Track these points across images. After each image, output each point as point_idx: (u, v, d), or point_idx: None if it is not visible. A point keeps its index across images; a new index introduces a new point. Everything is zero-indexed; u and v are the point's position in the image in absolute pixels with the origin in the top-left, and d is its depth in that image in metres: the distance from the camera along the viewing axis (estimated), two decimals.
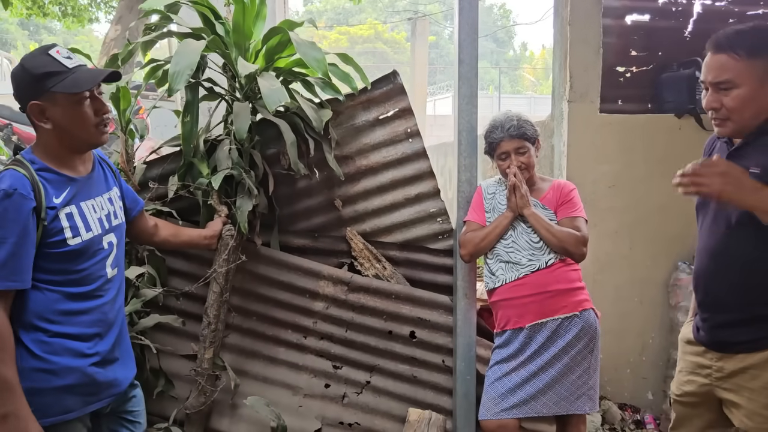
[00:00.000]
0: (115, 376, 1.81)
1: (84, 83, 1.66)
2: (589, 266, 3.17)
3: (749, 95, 1.66)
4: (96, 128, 1.73)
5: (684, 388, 1.98)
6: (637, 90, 3.79)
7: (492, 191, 2.55)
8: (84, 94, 1.68)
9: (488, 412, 2.38)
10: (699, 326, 1.92)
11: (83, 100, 1.68)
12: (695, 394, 1.94)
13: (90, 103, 1.70)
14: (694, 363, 1.94)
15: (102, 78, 1.72)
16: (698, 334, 1.93)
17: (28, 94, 1.65)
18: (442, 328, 2.70)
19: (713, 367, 1.86)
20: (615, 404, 3.53)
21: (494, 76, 30.27)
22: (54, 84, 1.63)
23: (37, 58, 1.66)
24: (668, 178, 2.59)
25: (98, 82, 1.71)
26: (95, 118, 1.72)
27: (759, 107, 1.67)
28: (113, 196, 1.89)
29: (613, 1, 3.65)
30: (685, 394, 1.98)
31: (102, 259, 1.78)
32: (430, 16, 15.62)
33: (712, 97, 1.73)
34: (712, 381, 1.87)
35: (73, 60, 1.69)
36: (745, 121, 1.70)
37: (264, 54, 2.51)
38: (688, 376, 1.96)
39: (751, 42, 1.66)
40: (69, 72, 1.66)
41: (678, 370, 2.04)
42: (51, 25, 30.20)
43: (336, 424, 2.68)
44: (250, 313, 2.70)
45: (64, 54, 1.69)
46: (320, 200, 2.73)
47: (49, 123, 1.67)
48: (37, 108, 1.65)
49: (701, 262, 1.88)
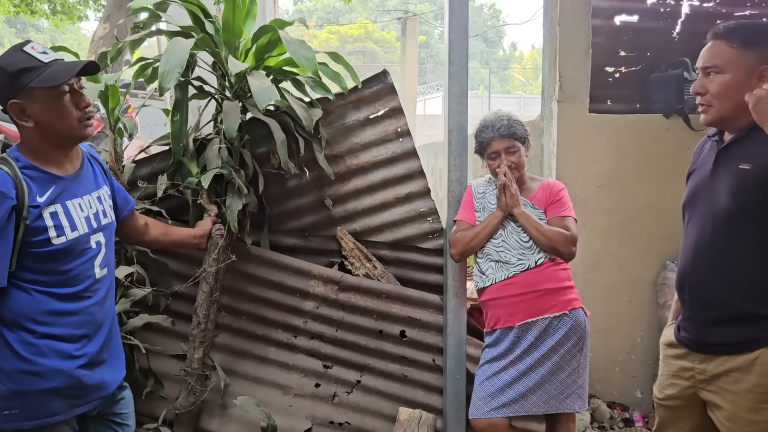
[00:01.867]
0: (102, 378, 1.78)
1: (61, 75, 1.62)
2: (578, 265, 3.18)
3: (733, 83, 1.69)
4: (79, 122, 1.69)
5: (667, 391, 1.97)
6: (626, 90, 3.82)
7: (482, 191, 2.56)
8: (63, 88, 1.64)
9: (478, 411, 2.39)
10: (681, 326, 1.91)
11: (62, 94, 1.64)
12: (678, 397, 1.94)
13: (70, 98, 1.67)
14: (677, 366, 1.93)
15: (79, 69, 1.66)
16: (680, 335, 1.92)
17: (6, 93, 1.62)
18: (432, 327, 2.71)
19: (696, 369, 1.85)
20: (604, 402, 3.55)
21: (484, 76, 30.33)
22: (30, 80, 1.59)
23: (12, 55, 1.62)
24: (657, 178, 2.62)
25: (75, 74, 1.66)
26: (77, 112, 1.68)
27: (740, 99, 1.67)
28: (102, 194, 1.85)
29: (603, 2, 3.67)
30: (668, 398, 1.98)
31: (90, 259, 1.75)
32: (421, 15, 15.64)
33: (699, 82, 1.76)
34: (695, 383, 1.86)
35: (49, 55, 1.65)
36: (725, 110, 1.72)
37: (254, 53, 2.50)
38: (671, 379, 1.95)
39: (748, 33, 1.69)
40: (45, 66, 1.62)
41: (660, 373, 2.03)
42: (38, 23, 29.94)
43: (326, 423, 2.68)
44: (240, 313, 2.69)
45: (39, 49, 1.65)
46: (310, 199, 2.72)
47: (31, 121, 1.63)
48: (17, 107, 1.62)
49: (686, 261, 1.88)
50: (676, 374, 1.93)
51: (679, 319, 1.95)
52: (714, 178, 1.79)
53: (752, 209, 1.68)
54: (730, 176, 1.73)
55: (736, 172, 1.71)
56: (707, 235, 1.80)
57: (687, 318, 1.89)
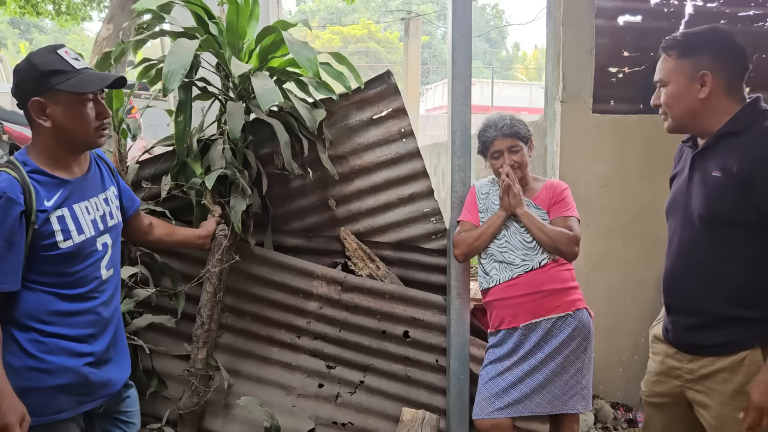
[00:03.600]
0: (109, 376, 1.80)
1: (91, 84, 1.67)
2: (581, 266, 3.18)
3: (676, 92, 1.81)
4: (95, 131, 1.72)
5: (655, 388, 1.98)
6: (629, 90, 3.80)
7: (485, 191, 2.56)
8: (88, 96, 1.68)
9: (482, 412, 2.39)
10: (668, 328, 1.92)
11: (86, 101, 1.68)
12: (666, 394, 1.94)
13: (93, 106, 1.70)
14: (665, 364, 1.94)
15: (109, 82, 1.72)
16: (668, 335, 1.93)
17: (31, 90, 1.64)
18: (435, 327, 2.71)
19: (684, 369, 1.86)
20: (607, 403, 3.55)
21: (487, 76, 30.30)
22: (59, 82, 1.63)
23: (46, 55, 1.66)
24: (660, 178, 2.61)
25: (105, 85, 1.71)
26: (96, 121, 1.71)
27: (687, 105, 1.79)
28: (110, 195, 1.87)
29: (606, 2, 3.66)
30: (655, 395, 1.99)
31: (96, 261, 1.77)
32: (423, 16, 15.62)
33: (655, 94, 1.89)
34: (683, 382, 1.87)
35: (80, 62, 1.70)
36: (678, 117, 1.83)
37: (257, 54, 2.50)
38: (659, 377, 1.96)
39: (684, 44, 1.80)
40: (76, 72, 1.66)
41: (648, 370, 2.04)
42: (42, 23, 30.01)
43: (329, 423, 2.68)
44: (244, 313, 2.69)
45: (72, 55, 1.69)
46: (314, 200, 2.73)
47: (49, 121, 1.66)
48: (39, 105, 1.64)
49: (669, 265, 1.91)
50: (665, 372, 1.94)
51: (665, 320, 1.96)
52: (690, 184, 1.84)
53: (726, 215, 1.71)
54: (703, 183, 1.77)
55: (709, 179, 1.75)
56: (686, 241, 1.83)
57: (672, 321, 1.90)
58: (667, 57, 1.84)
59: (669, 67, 1.82)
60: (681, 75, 1.79)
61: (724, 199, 1.71)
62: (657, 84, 1.87)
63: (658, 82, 1.86)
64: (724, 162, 1.72)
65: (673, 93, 1.81)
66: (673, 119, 1.84)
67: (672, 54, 1.82)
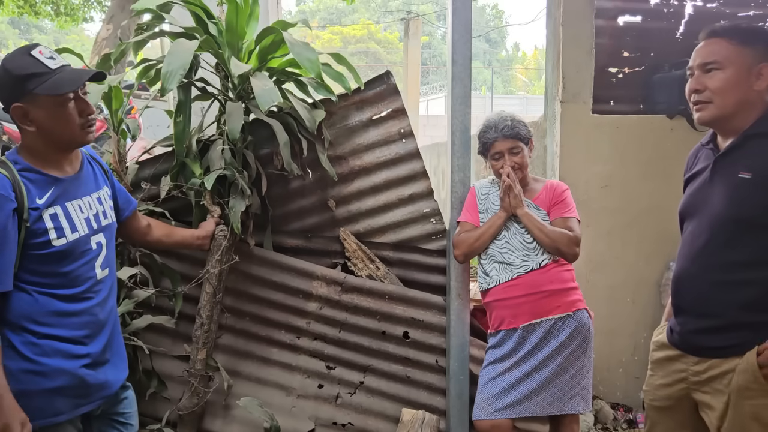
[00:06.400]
0: (105, 378, 1.79)
1: (66, 84, 1.63)
2: (582, 266, 3.18)
3: (734, 79, 1.69)
4: (81, 129, 1.69)
5: (658, 392, 1.96)
6: (629, 91, 3.81)
7: (485, 192, 2.56)
8: (67, 95, 1.65)
9: (482, 412, 2.38)
10: (674, 329, 1.90)
11: (67, 101, 1.65)
12: (670, 397, 1.92)
13: (74, 104, 1.67)
14: (670, 368, 1.91)
15: (85, 79, 1.68)
16: (673, 337, 1.90)
17: (10, 96, 1.62)
18: (435, 328, 2.71)
19: (690, 371, 1.84)
20: (607, 404, 3.55)
21: (487, 77, 30.30)
22: (36, 86, 1.60)
23: (19, 58, 1.63)
24: (660, 179, 2.61)
25: (81, 84, 1.67)
26: (80, 118, 1.68)
27: (740, 95, 1.68)
28: (103, 195, 1.85)
29: (606, 2, 3.67)
30: (659, 398, 1.96)
31: (90, 260, 1.75)
32: (423, 16, 15.60)
33: (696, 80, 1.76)
34: (689, 384, 1.85)
35: (56, 60, 1.66)
36: (726, 107, 1.71)
37: (257, 54, 2.50)
38: (663, 380, 1.94)
39: (746, 31, 1.71)
40: (52, 73, 1.62)
41: (650, 374, 2.02)
42: (42, 24, 30.02)
43: (329, 424, 2.68)
44: (243, 314, 2.69)
45: (46, 54, 1.65)
46: (313, 200, 2.72)
47: (33, 125, 1.64)
48: (20, 110, 1.62)
49: (682, 266, 1.87)
50: (669, 376, 1.92)
51: (671, 322, 1.93)
52: (712, 186, 1.78)
53: (751, 218, 1.67)
54: (729, 184, 1.72)
55: (736, 181, 1.70)
56: (704, 243, 1.78)
57: (681, 323, 1.87)
58: (723, 41, 1.70)
59: (727, 51, 1.69)
60: (741, 63, 1.68)
61: (754, 201, 1.66)
62: (705, 67, 1.73)
63: (709, 64, 1.71)
64: (752, 163, 1.67)
65: (729, 79, 1.69)
66: (719, 108, 1.72)
67: (733, 39, 1.69)
